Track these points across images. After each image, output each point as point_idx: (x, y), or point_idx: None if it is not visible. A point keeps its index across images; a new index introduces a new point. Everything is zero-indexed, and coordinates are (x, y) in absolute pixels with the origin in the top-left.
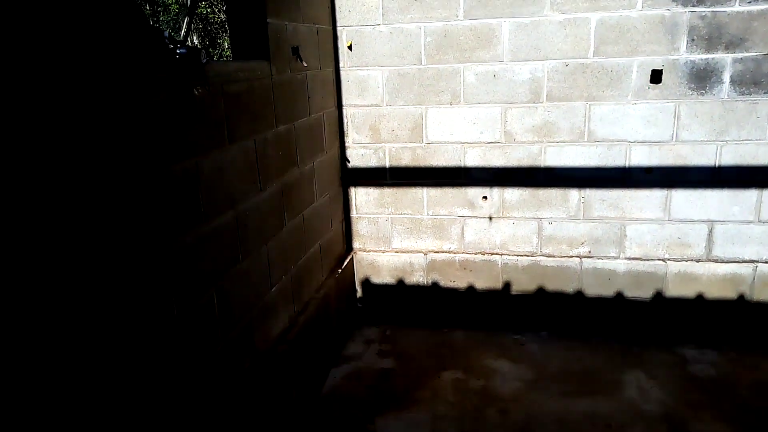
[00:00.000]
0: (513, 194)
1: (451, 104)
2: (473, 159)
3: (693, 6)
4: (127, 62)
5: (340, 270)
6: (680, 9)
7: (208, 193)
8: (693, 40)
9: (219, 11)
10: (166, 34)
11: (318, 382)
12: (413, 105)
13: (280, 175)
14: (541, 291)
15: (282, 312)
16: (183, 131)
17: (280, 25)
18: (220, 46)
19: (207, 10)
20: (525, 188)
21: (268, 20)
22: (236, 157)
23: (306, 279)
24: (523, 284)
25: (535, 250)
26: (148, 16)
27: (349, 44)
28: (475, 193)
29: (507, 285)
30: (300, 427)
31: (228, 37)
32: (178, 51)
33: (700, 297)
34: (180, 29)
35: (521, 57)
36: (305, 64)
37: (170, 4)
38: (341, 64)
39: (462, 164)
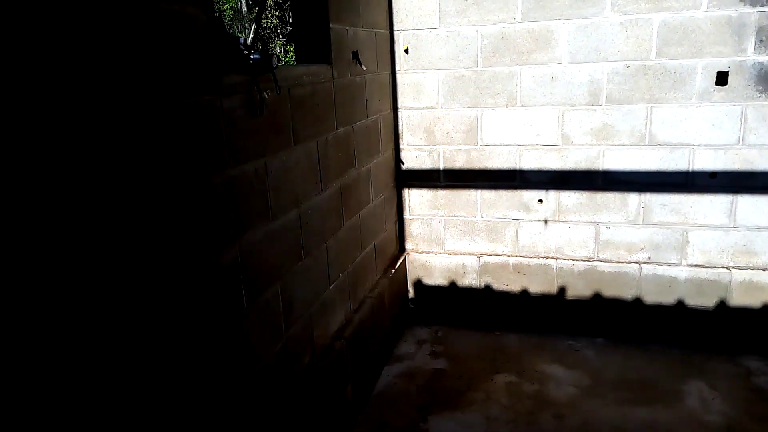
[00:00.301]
0: (569, 198)
1: (507, 107)
2: (529, 162)
3: (762, 6)
4: (208, 68)
5: (393, 270)
6: (748, 9)
7: (275, 192)
8: (761, 41)
9: (272, 16)
10: (241, 40)
11: (371, 379)
12: (468, 107)
13: (339, 176)
14: (597, 297)
15: (339, 309)
16: (255, 132)
17: (342, 30)
18: (272, 49)
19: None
20: (582, 192)
21: (330, 25)
22: (300, 158)
23: (361, 278)
24: (578, 289)
25: (591, 255)
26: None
27: (405, 48)
28: (530, 196)
29: (562, 290)
30: (355, 423)
31: (279, 41)
32: (251, 57)
33: (766, 307)
34: (233, 34)
35: (580, 59)
36: (364, 68)
37: (225, 10)
38: (397, 68)
39: (517, 167)
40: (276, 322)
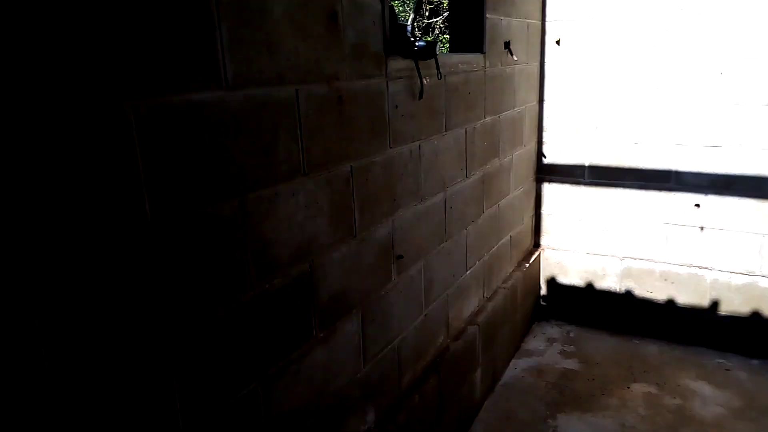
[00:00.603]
0: (732, 204)
1: (664, 102)
2: (686, 162)
3: None
4: (380, 52)
5: (527, 264)
6: None
7: (426, 174)
8: None
9: (410, 9)
10: (408, 29)
11: (499, 369)
12: (622, 101)
13: (483, 165)
14: (756, 315)
15: (473, 296)
16: (412, 116)
17: (496, 20)
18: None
19: (400, 8)
20: (748, 199)
21: (486, 15)
22: (450, 143)
23: (496, 268)
24: (734, 305)
25: (753, 269)
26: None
27: (557, 39)
28: (685, 199)
29: (714, 303)
30: (480, 408)
31: (416, 32)
32: (417, 44)
33: None
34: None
35: (754, 54)
36: (515, 58)
37: None
38: (547, 59)
39: (672, 168)
40: (417, 297)
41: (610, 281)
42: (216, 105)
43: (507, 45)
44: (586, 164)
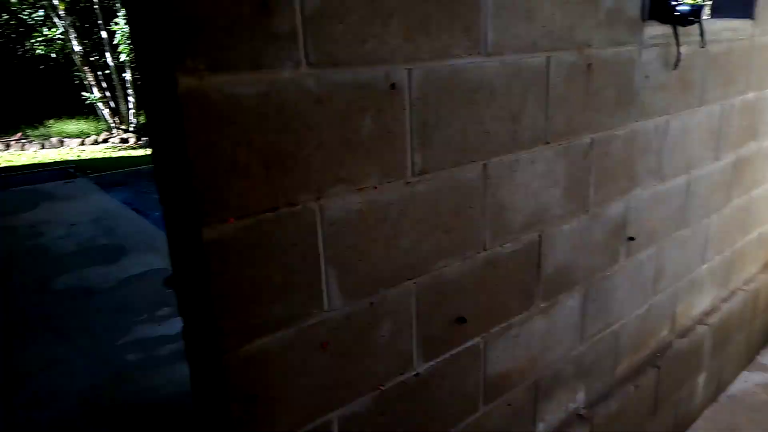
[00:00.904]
0: None
1: None
2: None
3: None
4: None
5: None
6: None
7: (670, 153)
8: None
9: None
10: None
11: (726, 378)
12: None
13: (737, 147)
14: None
15: (706, 293)
16: (663, 88)
17: None
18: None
19: None
20: None
21: None
22: (701, 120)
23: (737, 266)
24: None
25: None
26: None
27: None
28: None
29: None
30: (698, 416)
31: None
32: (677, 8)
33: None
34: None
35: None
36: None
37: None
38: None
39: None
40: (643, 284)
41: None
42: (474, 71)
43: None
44: None
